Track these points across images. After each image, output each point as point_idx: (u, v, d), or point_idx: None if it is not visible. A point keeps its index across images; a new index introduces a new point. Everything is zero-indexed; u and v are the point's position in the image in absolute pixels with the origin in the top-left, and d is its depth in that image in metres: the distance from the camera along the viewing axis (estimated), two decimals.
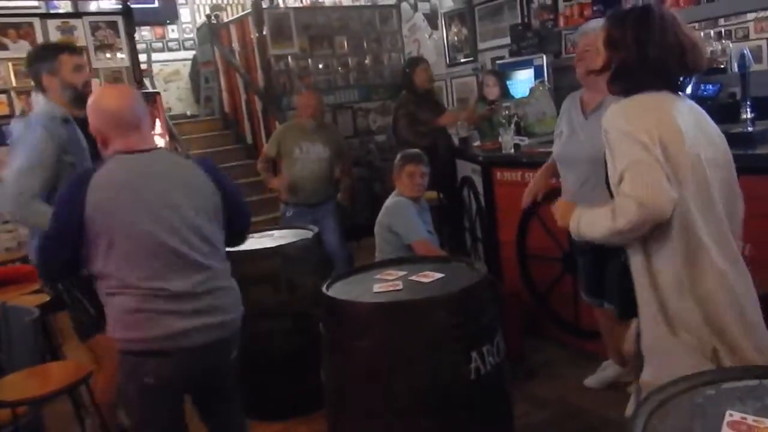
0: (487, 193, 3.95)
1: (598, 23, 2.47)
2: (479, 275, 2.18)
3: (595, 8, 4.71)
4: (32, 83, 2.84)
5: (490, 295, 2.15)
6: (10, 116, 5.28)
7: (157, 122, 5.61)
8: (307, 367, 2.64)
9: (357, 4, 6.92)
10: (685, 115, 1.68)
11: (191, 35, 9.17)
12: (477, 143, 4.56)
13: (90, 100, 2.01)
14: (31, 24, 5.29)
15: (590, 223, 1.70)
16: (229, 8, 8.73)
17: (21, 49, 5.26)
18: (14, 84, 5.29)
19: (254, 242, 3.32)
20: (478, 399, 2.03)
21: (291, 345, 2.98)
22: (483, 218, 4.09)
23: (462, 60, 6.42)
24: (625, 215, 1.56)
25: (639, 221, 1.56)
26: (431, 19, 6.68)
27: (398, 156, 3.46)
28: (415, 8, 6.80)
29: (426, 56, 6.33)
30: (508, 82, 5.08)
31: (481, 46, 6.14)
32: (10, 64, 5.25)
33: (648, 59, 1.68)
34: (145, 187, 1.90)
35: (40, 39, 5.33)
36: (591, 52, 2.36)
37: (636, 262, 1.69)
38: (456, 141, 4.91)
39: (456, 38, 6.49)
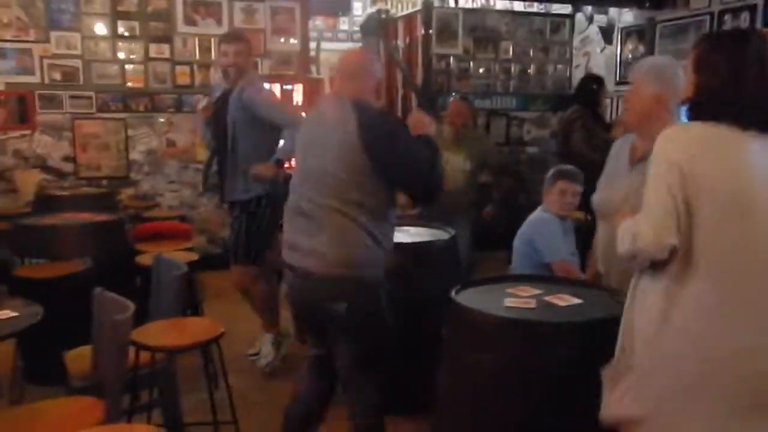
0: None
1: (650, 63, 2.46)
2: (622, 307, 2.01)
3: None
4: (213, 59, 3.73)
5: None
6: (191, 86, 5.78)
7: None
8: (419, 366, 2.61)
9: (529, 10, 6.74)
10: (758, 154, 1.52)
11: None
12: None
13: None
14: (219, 4, 5.72)
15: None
16: (399, 4, 8.89)
17: (208, 26, 5.72)
18: (197, 57, 5.75)
19: None
20: None
21: (405, 342, 2.94)
22: None
23: None
24: (623, 244, 1.58)
25: (630, 255, 1.57)
26: (606, 33, 6.35)
27: (552, 170, 3.30)
28: (590, 20, 6.51)
29: (595, 71, 6.07)
30: (683, 109, 4.71)
31: None
32: (196, 39, 5.72)
33: (743, 89, 1.53)
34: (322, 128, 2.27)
35: (225, 19, 5.76)
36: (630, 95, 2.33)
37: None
38: None
39: (631, 55, 6.12)
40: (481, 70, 6.54)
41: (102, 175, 5.70)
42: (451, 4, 6.61)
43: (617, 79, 6.23)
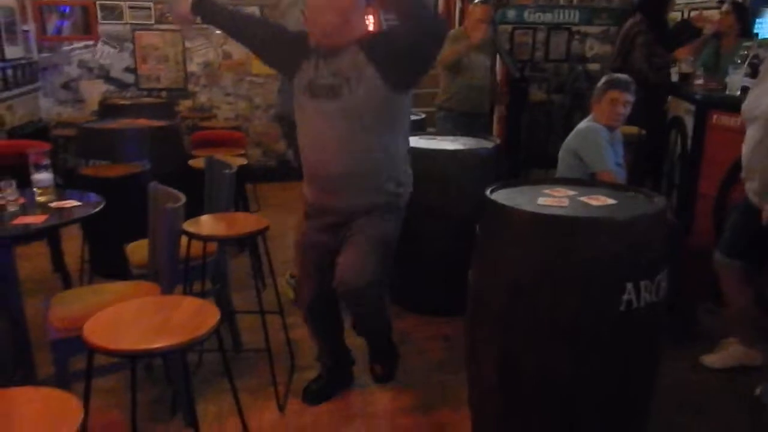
0: (696, 138, 3.55)
1: None
2: (654, 208, 2.00)
3: None
4: None
5: (662, 231, 1.97)
6: None
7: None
8: (462, 270, 2.69)
9: None
10: None
11: None
12: (699, 82, 4.08)
13: None
14: None
15: None
16: None
17: None
18: None
19: (435, 144, 3.38)
20: (624, 333, 1.91)
21: (449, 246, 3.02)
22: (685, 164, 3.70)
23: None
24: None
25: None
26: None
27: (603, 79, 3.21)
28: None
29: None
30: (756, 20, 4.43)
31: None
32: None
33: None
34: None
35: None
36: None
37: None
38: (676, 77, 4.45)
39: None
40: None
41: (161, 87, 5.87)
42: None
43: None
